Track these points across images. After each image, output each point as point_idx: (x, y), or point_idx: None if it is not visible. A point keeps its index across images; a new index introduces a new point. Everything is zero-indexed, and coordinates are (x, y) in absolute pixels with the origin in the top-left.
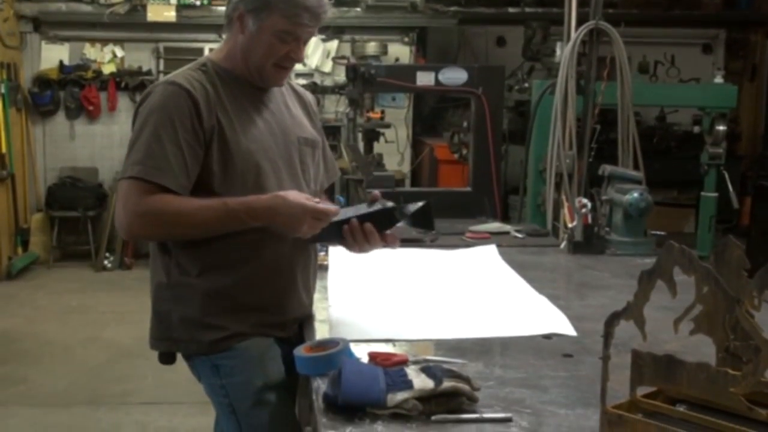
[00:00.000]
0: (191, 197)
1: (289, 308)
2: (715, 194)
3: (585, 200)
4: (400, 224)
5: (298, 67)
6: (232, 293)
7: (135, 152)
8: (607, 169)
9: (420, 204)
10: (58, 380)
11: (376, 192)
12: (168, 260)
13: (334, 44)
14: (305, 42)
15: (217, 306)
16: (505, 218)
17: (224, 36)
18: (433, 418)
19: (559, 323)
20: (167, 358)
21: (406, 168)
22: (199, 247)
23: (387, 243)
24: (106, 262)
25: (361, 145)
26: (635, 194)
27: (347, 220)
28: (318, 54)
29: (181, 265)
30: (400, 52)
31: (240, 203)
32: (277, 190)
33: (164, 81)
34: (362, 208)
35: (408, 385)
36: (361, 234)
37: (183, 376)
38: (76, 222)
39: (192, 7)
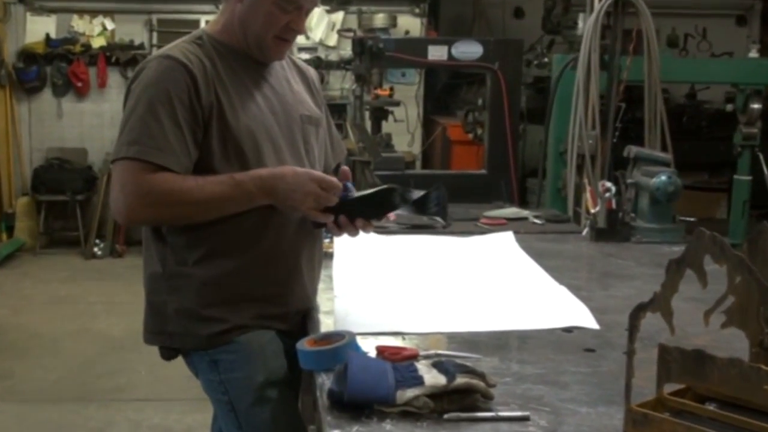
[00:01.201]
0: (194, 175)
1: (292, 299)
2: (749, 177)
3: (609, 184)
4: (402, 211)
5: (301, 40)
6: (232, 283)
7: (129, 131)
8: (632, 150)
9: (425, 192)
10: (46, 375)
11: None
12: (163, 248)
13: (339, 16)
14: (307, 12)
15: (215, 297)
16: (523, 203)
17: (221, 6)
18: (446, 416)
19: (581, 316)
20: (169, 353)
21: (417, 149)
22: (197, 233)
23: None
24: (96, 249)
25: (368, 124)
26: (663, 177)
27: (344, 204)
28: (322, 26)
29: (176, 254)
30: (410, 24)
31: (246, 174)
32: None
33: (158, 55)
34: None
35: (418, 381)
36: (353, 227)
37: (179, 371)
38: (64, 206)
39: None
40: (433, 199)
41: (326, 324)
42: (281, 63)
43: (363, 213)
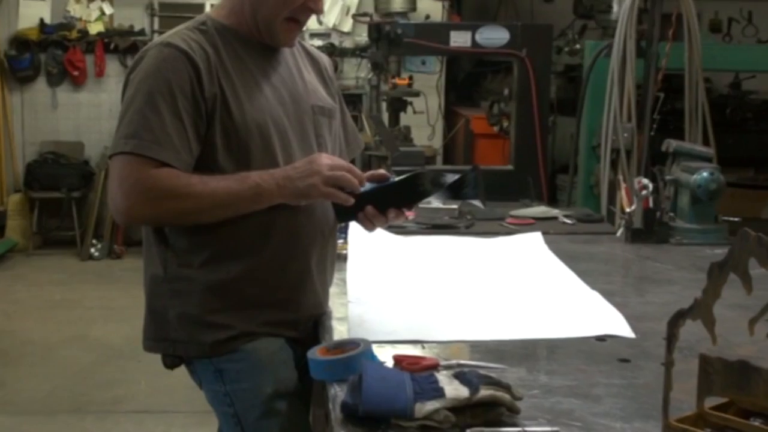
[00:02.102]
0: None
1: (302, 305)
2: None
3: (645, 181)
4: (435, 198)
5: (313, 26)
6: (238, 287)
7: (127, 124)
8: (671, 144)
9: (459, 175)
10: (40, 385)
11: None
12: (164, 249)
13: None
14: None
15: (220, 302)
16: (553, 201)
17: None
18: (468, 431)
19: (615, 323)
20: (172, 361)
21: (438, 143)
22: (201, 234)
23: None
24: (93, 250)
25: (385, 116)
26: (704, 174)
27: (371, 194)
28: (336, 11)
29: (179, 255)
30: (431, 8)
31: (254, 171)
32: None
33: (158, 42)
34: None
35: (439, 393)
36: (382, 217)
37: (181, 381)
38: (59, 204)
39: None
40: (469, 182)
41: (339, 331)
42: (292, 50)
43: (393, 202)
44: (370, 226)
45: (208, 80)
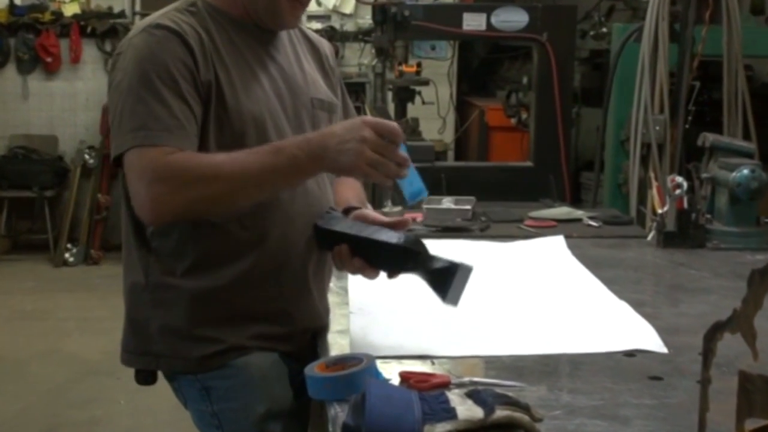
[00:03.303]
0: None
1: (298, 317)
2: None
3: (679, 179)
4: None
5: (311, 7)
6: (227, 297)
7: (131, 117)
8: (708, 138)
9: (449, 263)
10: (8, 404)
11: (408, 218)
12: (146, 254)
13: None
14: None
15: (207, 313)
16: (576, 201)
17: None
18: None
19: (645, 337)
20: (146, 377)
21: (449, 137)
22: (186, 237)
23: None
24: (67, 255)
25: (391, 107)
26: (745, 171)
27: (351, 236)
28: None
29: (162, 261)
30: None
31: (287, 140)
32: None
33: (147, 25)
34: (377, 230)
35: (450, 414)
36: (350, 265)
37: (164, 400)
38: (31, 204)
39: None
40: (447, 278)
41: (340, 345)
42: (290, 35)
43: (378, 259)
44: (340, 266)
45: (203, 65)
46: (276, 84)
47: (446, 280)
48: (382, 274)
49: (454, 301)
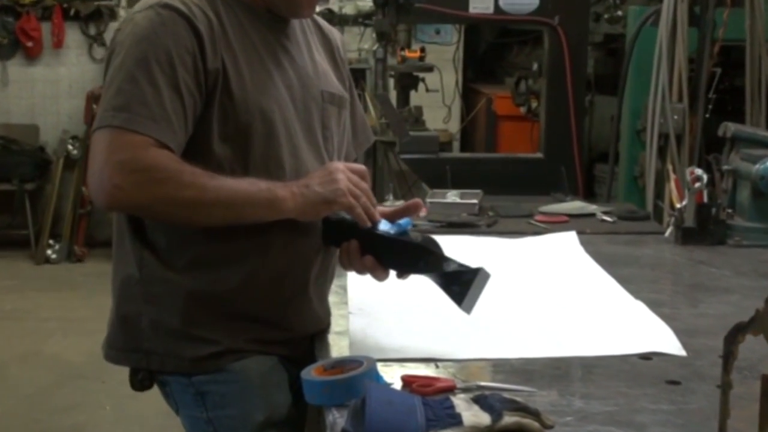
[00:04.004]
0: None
1: (297, 323)
2: None
3: (699, 171)
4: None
5: None
6: (228, 298)
7: (117, 94)
8: (730, 128)
9: (466, 267)
10: None
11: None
12: (141, 246)
13: None
14: None
15: (204, 312)
16: (590, 195)
17: None
18: None
19: (663, 339)
20: (143, 380)
21: (455, 126)
22: (187, 231)
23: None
24: (49, 251)
25: (393, 95)
26: None
27: (363, 230)
28: None
29: (159, 254)
30: None
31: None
32: (292, 160)
33: (153, 3)
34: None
35: (455, 420)
36: (359, 263)
37: (153, 405)
38: (10, 198)
39: None
40: (464, 281)
41: (339, 347)
42: (302, 24)
43: (388, 256)
44: (347, 264)
45: (211, 51)
46: (286, 75)
47: (462, 285)
48: (392, 276)
49: (468, 308)
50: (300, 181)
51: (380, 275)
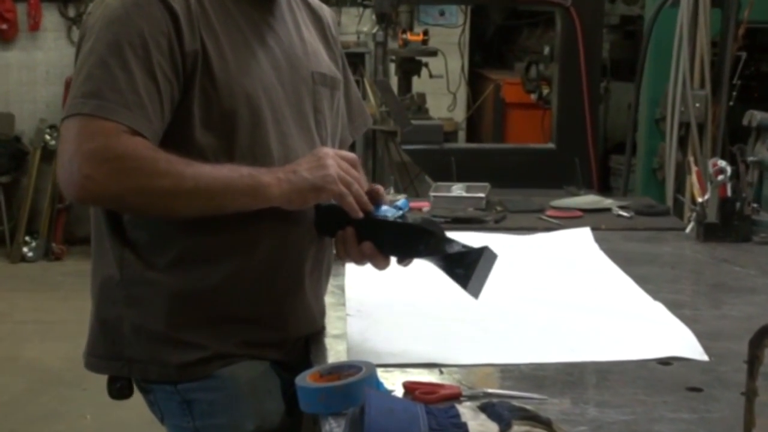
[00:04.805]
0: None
1: (292, 321)
2: None
3: (723, 163)
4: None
5: None
6: (214, 298)
7: (87, 79)
8: (755, 117)
9: (470, 248)
10: None
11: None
12: (121, 245)
13: None
14: None
15: (189, 314)
16: (605, 189)
17: None
18: None
19: (683, 343)
20: (121, 389)
21: (460, 115)
22: (171, 227)
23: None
24: (26, 249)
25: (394, 81)
26: None
27: (364, 218)
28: None
29: (140, 254)
30: None
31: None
32: (280, 148)
33: None
34: (384, 210)
35: (461, 429)
36: (357, 252)
37: (136, 414)
38: None
39: None
40: (469, 262)
41: (336, 351)
42: (289, 1)
43: (382, 242)
44: (343, 254)
45: (188, 32)
46: (273, 56)
47: (466, 267)
48: (392, 265)
49: (475, 291)
50: (287, 167)
51: (380, 263)
